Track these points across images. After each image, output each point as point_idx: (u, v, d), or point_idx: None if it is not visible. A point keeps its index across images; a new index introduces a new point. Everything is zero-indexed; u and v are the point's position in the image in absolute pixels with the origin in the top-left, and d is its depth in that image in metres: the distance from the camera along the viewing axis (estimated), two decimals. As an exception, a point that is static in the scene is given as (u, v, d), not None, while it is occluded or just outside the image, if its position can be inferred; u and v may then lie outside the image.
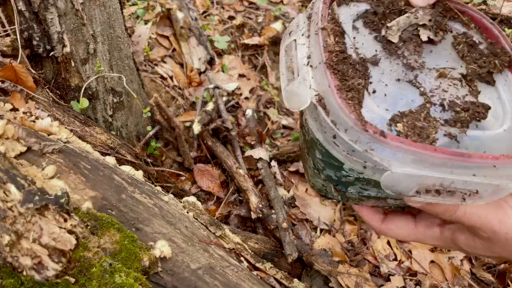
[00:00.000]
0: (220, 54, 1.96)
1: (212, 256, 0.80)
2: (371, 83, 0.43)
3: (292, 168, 1.58)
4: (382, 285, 1.27)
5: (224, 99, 1.59)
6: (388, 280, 1.29)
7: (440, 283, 1.30)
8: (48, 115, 0.89)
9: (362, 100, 0.41)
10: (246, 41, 2.09)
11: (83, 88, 1.04)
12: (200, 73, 1.79)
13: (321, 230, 1.39)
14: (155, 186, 0.89)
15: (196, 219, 0.89)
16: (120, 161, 1.04)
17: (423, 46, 0.47)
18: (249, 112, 1.65)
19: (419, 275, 1.32)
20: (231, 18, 2.20)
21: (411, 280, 1.30)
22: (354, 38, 0.46)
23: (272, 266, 1.02)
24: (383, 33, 0.47)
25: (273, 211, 1.26)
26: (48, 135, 0.81)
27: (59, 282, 0.55)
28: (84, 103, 1.04)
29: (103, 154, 0.91)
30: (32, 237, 0.49)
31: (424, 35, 0.47)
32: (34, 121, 0.83)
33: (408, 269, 1.33)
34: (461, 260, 1.38)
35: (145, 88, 1.35)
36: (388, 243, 1.39)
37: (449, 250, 1.38)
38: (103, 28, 1.02)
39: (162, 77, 1.66)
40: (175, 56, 1.79)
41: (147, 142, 1.31)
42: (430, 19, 0.47)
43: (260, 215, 1.25)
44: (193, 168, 1.44)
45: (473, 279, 1.33)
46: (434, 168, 0.38)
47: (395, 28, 0.46)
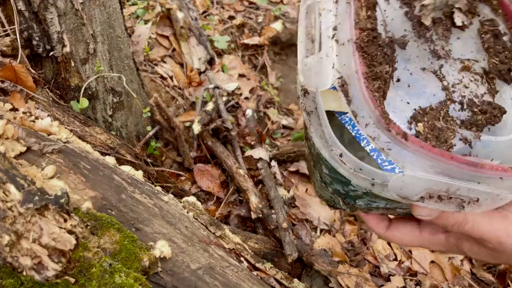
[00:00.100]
0: (220, 54, 1.96)
1: (212, 256, 0.80)
2: (396, 70, 0.39)
3: (292, 168, 1.57)
4: (382, 285, 1.27)
5: (224, 99, 1.59)
6: (388, 280, 1.29)
7: (440, 283, 1.30)
8: (48, 115, 0.89)
9: (387, 92, 0.37)
10: (246, 41, 2.09)
11: (83, 88, 1.04)
12: (200, 73, 1.79)
13: (321, 230, 1.39)
14: (155, 186, 0.88)
15: (196, 219, 0.89)
16: (120, 161, 1.04)
17: (451, 30, 0.42)
18: (249, 112, 1.65)
19: (419, 275, 1.32)
20: (231, 18, 2.20)
21: (411, 280, 1.30)
22: (385, 11, 0.41)
23: (272, 266, 1.02)
24: (417, 11, 0.41)
25: (273, 211, 1.26)
26: (48, 135, 0.81)
27: (59, 282, 0.55)
28: (84, 103, 1.04)
29: (103, 154, 0.90)
30: (32, 237, 0.49)
31: (459, 19, 0.42)
32: (34, 121, 0.83)
33: (408, 269, 1.33)
34: (461, 260, 1.38)
35: (145, 88, 1.35)
36: (388, 243, 1.39)
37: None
38: (103, 28, 1.02)
39: (162, 77, 1.65)
40: (175, 56, 1.79)
41: (147, 142, 1.31)
42: (466, 2, 0.42)
43: (260, 215, 1.25)
44: (193, 168, 1.44)
45: (473, 279, 1.33)
46: (445, 174, 0.37)
47: (430, 8, 0.41)
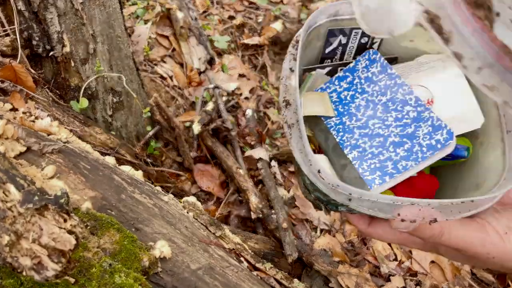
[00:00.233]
0: (220, 54, 1.96)
1: (212, 257, 0.80)
2: None
3: (292, 168, 1.57)
4: (383, 285, 1.27)
5: (224, 99, 1.59)
6: (388, 280, 1.29)
7: (441, 283, 1.30)
8: (48, 115, 0.89)
9: (493, 26, 0.28)
10: (246, 41, 2.09)
11: (83, 88, 1.04)
12: (200, 73, 1.78)
13: (321, 230, 1.39)
14: (155, 186, 0.88)
15: (196, 219, 0.89)
16: (120, 161, 1.04)
17: None
18: (249, 112, 1.65)
19: (420, 275, 1.32)
20: (231, 18, 2.20)
21: (411, 280, 1.30)
22: None
23: (272, 266, 1.02)
24: None
25: (273, 211, 1.26)
26: (48, 135, 0.81)
27: (59, 283, 0.55)
28: (84, 103, 1.04)
29: (103, 154, 0.90)
30: (32, 237, 0.49)
31: None
32: (33, 121, 0.83)
33: (409, 269, 1.33)
34: (461, 260, 1.38)
35: (145, 88, 1.35)
36: (389, 243, 1.39)
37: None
38: (103, 28, 1.02)
39: (162, 77, 1.65)
40: (175, 56, 1.79)
41: (147, 142, 1.31)
42: None
43: (260, 215, 1.25)
44: (193, 168, 1.44)
45: (473, 279, 1.33)
46: None
47: None
